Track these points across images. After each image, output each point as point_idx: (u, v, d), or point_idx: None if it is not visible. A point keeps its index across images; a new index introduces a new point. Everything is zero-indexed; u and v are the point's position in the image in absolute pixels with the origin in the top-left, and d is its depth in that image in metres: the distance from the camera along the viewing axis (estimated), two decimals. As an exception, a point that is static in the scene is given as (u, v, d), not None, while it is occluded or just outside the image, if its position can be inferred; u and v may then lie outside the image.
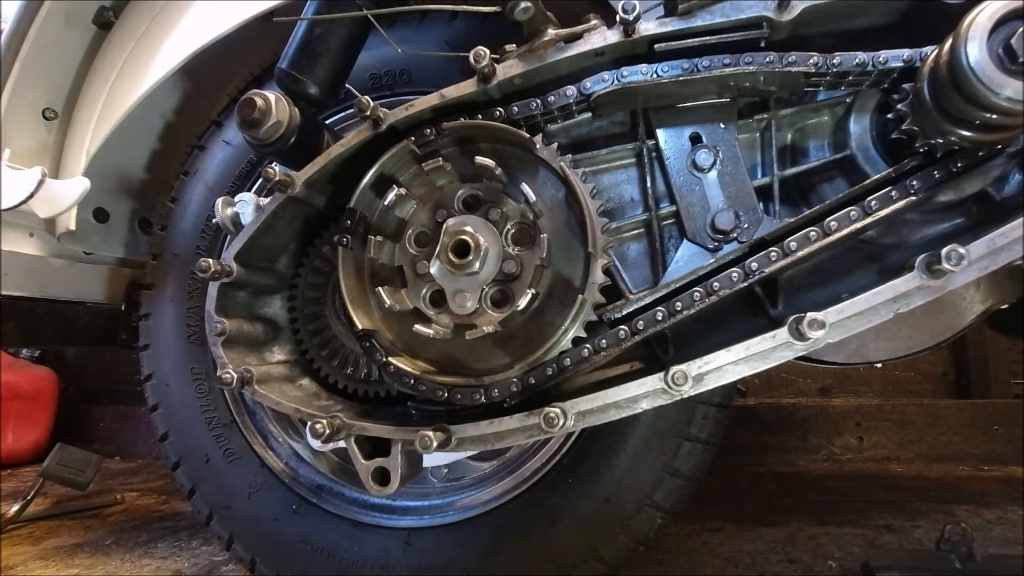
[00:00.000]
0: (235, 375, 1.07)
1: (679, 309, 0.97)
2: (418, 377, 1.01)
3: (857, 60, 0.96)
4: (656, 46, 1.00)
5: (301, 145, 1.09)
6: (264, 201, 1.15)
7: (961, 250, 0.82)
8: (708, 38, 0.99)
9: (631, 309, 1.03)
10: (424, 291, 1.04)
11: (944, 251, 0.83)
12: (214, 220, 1.18)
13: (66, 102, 1.64)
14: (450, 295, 0.99)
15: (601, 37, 1.01)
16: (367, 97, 1.04)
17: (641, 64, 1.01)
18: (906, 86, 0.93)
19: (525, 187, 0.95)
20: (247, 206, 1.16)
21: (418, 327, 0.99)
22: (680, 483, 1.25)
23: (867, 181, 0.97)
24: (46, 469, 2.21)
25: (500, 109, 1.05)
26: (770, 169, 1.05)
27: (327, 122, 1.39)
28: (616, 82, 1.01)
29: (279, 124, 1.05)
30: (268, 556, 1.42)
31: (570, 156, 1.00)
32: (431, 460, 1.43)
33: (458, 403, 1.00)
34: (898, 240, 1.05)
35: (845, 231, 0.95)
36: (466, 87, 1.04)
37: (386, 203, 1.02)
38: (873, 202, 0.94)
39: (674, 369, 0.89)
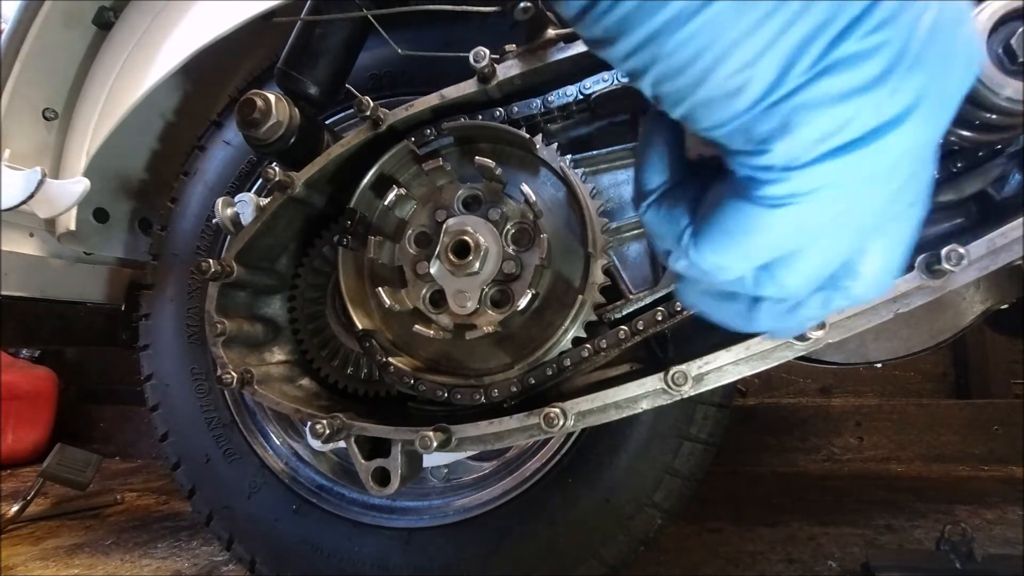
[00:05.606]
0: (235, 375, 1.07)
1: (679, 309, 0.97)
2: (418, 377, 1.01)
3: (857, 60, 0.95)
4: (656, 46, 1.00)
5: (301, 145, 1.09)
6: (264, 201, 1.15)
7: (961, 250, 0.82)
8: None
9: (631, 309, 1.03)
10: (424, 291, 1.04)
11: (944, 251, 0.82)
12: (214, 220, 1.18)
13: (66, 102, 1.64)
14: (450, 295, 0.99)
15: (601, 37, 1.00)
16: (367, 97, 1.04)
17: (641, 64, 1.00)
18: (906, 86, 0.93)
19: (525, 187, 0.95)
20: (247, 206, 1.16)
21: (418, 327, 0.99)
22: (680, 483, 1.25)
23: (867, 181, 0.97)
24: (46, 469, 2.21)
25: (500, 109, 1.04)
26: (770, 168, 1.05)
27: (327, 122, 1.39)
28: (616, 82, 1.00)
29: (279, 124, 1.05)
30: (268, 556, 1.42)
31: (570, 156, 0.99)
32: (431, 460, 1.42)
33: (458, 403, 1.00)
34: (898, 240, 1.05)
35: (845, 231, 0.94)
36: (466, 87, 1.04)
37: (386, 203, 1.02)
38: (873, 202, 0.94)
39: (674, 369, 0.89)
